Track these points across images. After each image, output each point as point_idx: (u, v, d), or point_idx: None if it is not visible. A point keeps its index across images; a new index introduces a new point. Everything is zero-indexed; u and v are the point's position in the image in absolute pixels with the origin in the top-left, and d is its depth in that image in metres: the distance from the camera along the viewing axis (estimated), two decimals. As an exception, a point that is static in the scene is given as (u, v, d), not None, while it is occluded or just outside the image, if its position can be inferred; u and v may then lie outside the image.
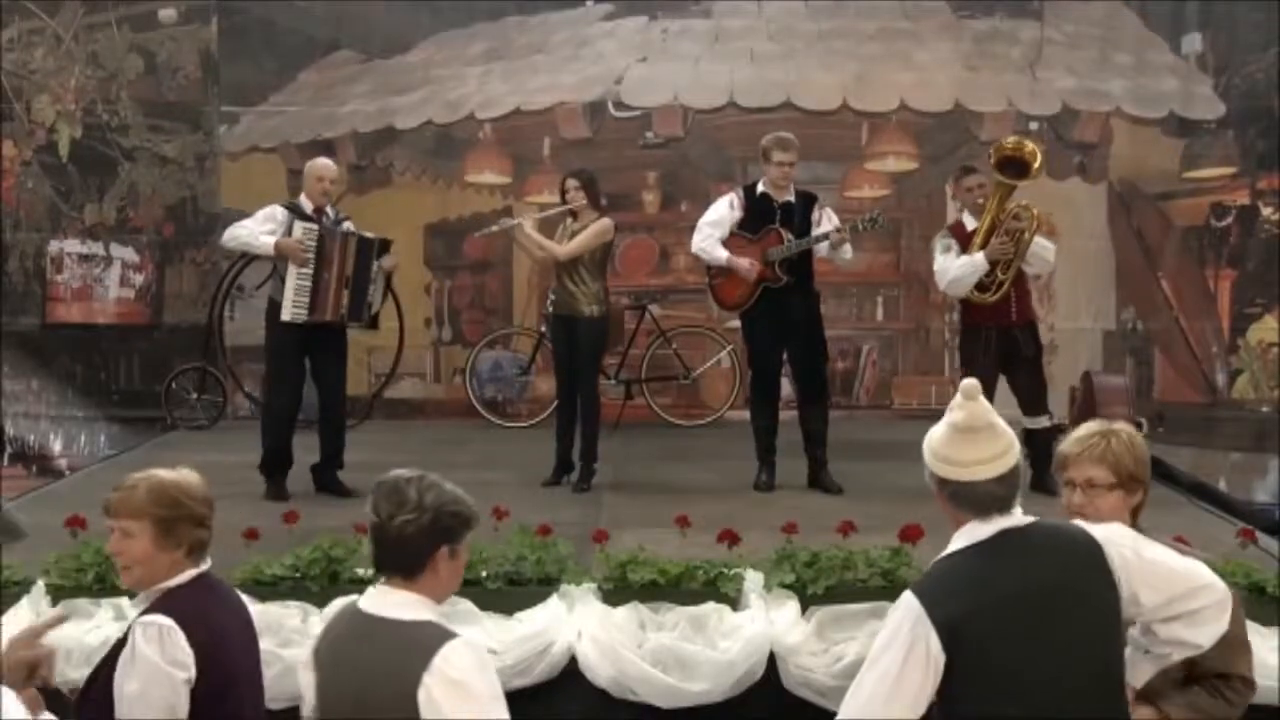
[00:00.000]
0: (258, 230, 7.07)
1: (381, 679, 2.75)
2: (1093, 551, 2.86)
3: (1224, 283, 10.13)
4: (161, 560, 3.17)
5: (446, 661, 2.73)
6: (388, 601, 2.85)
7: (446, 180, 10.45)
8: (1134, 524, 3.24)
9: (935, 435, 2.94)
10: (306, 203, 7.18)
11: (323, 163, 7.36)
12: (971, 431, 2.88)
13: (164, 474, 3.26)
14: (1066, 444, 3.28)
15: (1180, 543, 3.38)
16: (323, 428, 7.25)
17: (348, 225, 7.27)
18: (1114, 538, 2.91)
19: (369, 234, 7.29)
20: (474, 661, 2.78)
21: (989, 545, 2.86)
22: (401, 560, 2.85)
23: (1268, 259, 9.94)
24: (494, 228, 7.97)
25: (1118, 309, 10.25)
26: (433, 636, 2.77)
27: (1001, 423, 2.93)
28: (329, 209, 7.24)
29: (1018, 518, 2.89)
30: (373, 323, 7.38)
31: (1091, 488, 3.19)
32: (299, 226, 7.05)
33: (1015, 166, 6.81)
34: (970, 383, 2.93)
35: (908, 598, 2.84)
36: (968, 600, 2.79)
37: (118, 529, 3.19)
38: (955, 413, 2.91)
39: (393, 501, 2.84)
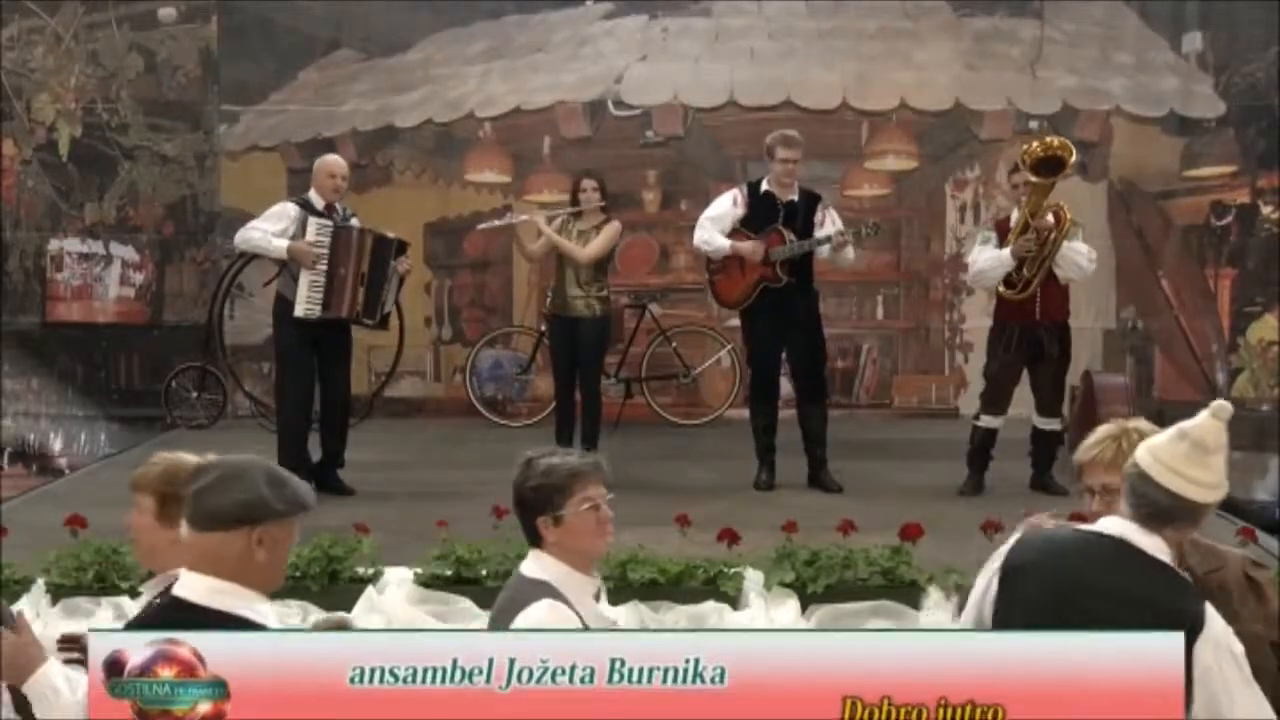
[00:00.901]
0: (270, 231, 7.02)
1: (497, 623, 3.20)
2: (1174, 617, 2.64)
3: (1224, 281, 10.12)
4: (161, 538, 3.15)
5: (526, 616, 3.06)
6: (530, 564, 3.25)
7: (447, 179, 10.44)
8: None
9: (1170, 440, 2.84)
10: (317, 199, 7.15)
11: (333, 159, 7.33)
12: (1194, 446, 2.79)
13: (186, 456, 3.26)
14: (1080, 451, 3.22)
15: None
16: (325, 427, 7.23)
17: (354, 222, 7.26)
18: (1223, 639, 2.72)
19: (388, 233, 7.29)
20: (547, 620, 3.05)
21: (1086, 536, 2.89)
22: (524, 531, 3.27)
23: (1268, 258, 9.93)
24: (499, 221, 7.96)
25: (1118, 308, 10.23)
26: (531, 594, 3.13)
27: (1219, 462, 2.79)
28: (338, 205, 7.23)
29: (1146, 541, 2.79)
30: (383, 323, 7.36)
31: (1108, 493, 3.12)
32: (313, 223, 7.02)
33: (1049, 165, 6.81)
34: (1221, 405, 2.80)
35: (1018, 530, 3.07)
36: (1028, 556, 2.89)
37: (135, 503, 3.20)
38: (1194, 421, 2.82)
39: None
